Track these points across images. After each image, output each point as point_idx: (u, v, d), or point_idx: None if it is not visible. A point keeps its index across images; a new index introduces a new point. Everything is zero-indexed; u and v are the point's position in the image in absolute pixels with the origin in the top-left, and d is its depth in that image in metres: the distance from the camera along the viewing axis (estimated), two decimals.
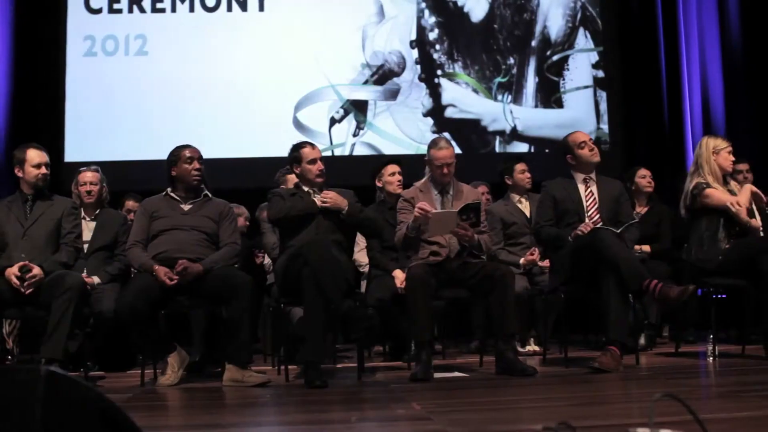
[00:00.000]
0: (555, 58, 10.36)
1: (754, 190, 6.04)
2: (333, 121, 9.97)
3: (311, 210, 5.69)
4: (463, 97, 10.17)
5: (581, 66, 10.39)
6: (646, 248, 7.30)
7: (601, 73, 10.38)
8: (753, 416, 3.29)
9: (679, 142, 10.34)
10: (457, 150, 9.39)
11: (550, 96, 10.28)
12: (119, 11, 9.96)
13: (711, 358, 5.95)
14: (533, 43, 10.35)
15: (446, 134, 9.42)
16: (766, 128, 9.77)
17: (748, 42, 10.13)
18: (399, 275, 6.32)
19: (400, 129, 10.01)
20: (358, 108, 10.03)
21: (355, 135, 9.98)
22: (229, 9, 10.09)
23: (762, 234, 6.04)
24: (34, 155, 5.74)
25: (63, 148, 9.55)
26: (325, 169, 5.90)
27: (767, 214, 6.39)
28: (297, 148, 5.97)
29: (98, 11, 9.93)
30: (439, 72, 10.19)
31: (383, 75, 10.11)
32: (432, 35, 10.25)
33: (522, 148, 10.15)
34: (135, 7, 9.98)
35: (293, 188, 6.07)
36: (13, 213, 5.70)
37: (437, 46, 10.23)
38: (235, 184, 8.74)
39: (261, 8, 10.13)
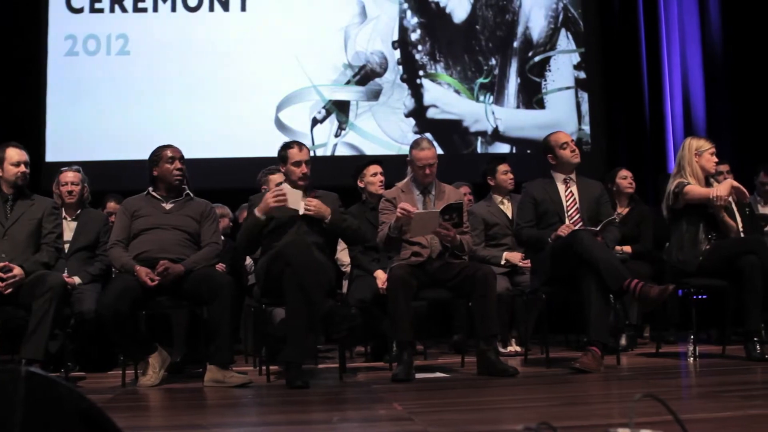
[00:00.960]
0: (537, 59, 10.38)
1: (735, 185, 6.04)
2: (315, 122, 9.96)
3: (256, 228, 5.69)
4: (445, 98, 10.19)
5: (563, 67, 10.42)
6: (628, 249, 7.31)
7: (582, 74, 10.41)
8: (733, 416, 3.31)
9: (660, 143, 10.39)
10: (439, 151, 9.39)
11: (531, 97, 10.30)
12: (101, 11, 9.93)
13: (691, 359, 5.97)
14: (515, 44, 10.37)
15: (428, 135, 9.45)
16: (747, 129, 9.83)
17: (729, 43, 10.20)
18: (380, 276, 6.34)
19: (382, 129, 10.02)
20: (340, 108, 10.03)
21: (337, 135, 9.98)
22: (211, 9, 10.07)
23: (742, 234, 6.07)
24: (13, 153, 5.70)
25: (44, 147, 9.52)
26: (308, 172, 5.89)
27: (747, 214, 6.43)
28: (285, 147, 5.96)
29: (80, 11, 9.90)
30: (421, 72, 10.20)
31: (365, 75, 10.11)
32: (414, 36, 10.26)
33: (504, 148, 10.17)
34: (117, 7, 9.94)
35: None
36: None
37: (419, 47, 10.24)
38: (216, 184, 8.73)
39: (243, 8, 10.11)
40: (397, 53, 10.19)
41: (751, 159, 8.64)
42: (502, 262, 7.04)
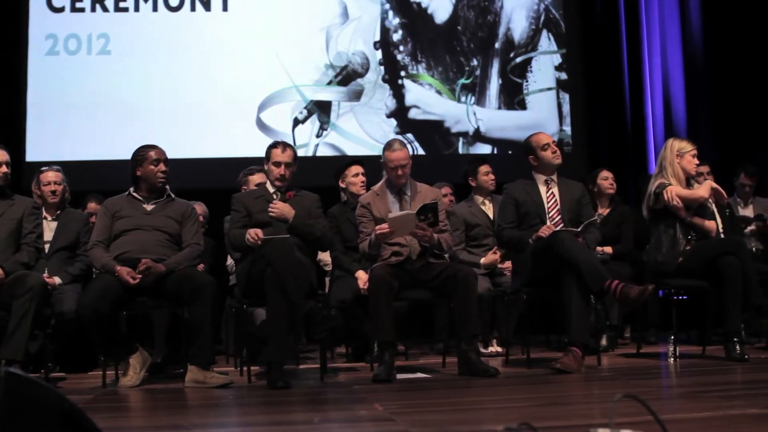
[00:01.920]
0: (518, 60, 10.40)
1: (714, 187, 6.07)
2: (296, 122, 9.95)
3: (244, 246, 5.69)
4: (427, 99, 10.19)
5: (544, 68, 10.44)
6: (608, 250, 7.33)
7: (564, 75, 10.43)
8: (713, 416, 3.32)
9: (641, 144, 10.43)
10: (420, 151, 9.45)
11: (513, 98, 10.32)
12: (82, 10, 9.88)
13: (672, 359, 5.99)
14: (497, 45, 10.38)
15: (409, 135, 9.51)
16: (727, 130, 9.87)
17: (709, 45, 10.25)
18: (362, 276, 6.34)
19: (364, 130, 10.01)
20: (321, 109, 10.02)
21: (318, 136, 9.97)
22: (193, 9, 10.04)
23: (722, 235, 6.10)
24: None
25: (24, 147, 9.46)
26: (287, 174, 5.89)
27: (727, 215, 6.45)
28: (271, 145, 5.98)
29: (61, 10, 9.86)
30: (402, 73, 10.20)
31: (347, 76, 10.11)
32: (396, 36, 10.26)
33: (485, 149, 10.17)
34: (98, 6, 9.90)
35: (259, 189, 6.08)
36: None
37: (401, 48, 10.24)
38: (197, 184, 8.71)
39: (225, 8, 10.09)
40: (379, 54, 10.19)
41: (731, 160, 8.68)
42: (482, 270, 7.01)
